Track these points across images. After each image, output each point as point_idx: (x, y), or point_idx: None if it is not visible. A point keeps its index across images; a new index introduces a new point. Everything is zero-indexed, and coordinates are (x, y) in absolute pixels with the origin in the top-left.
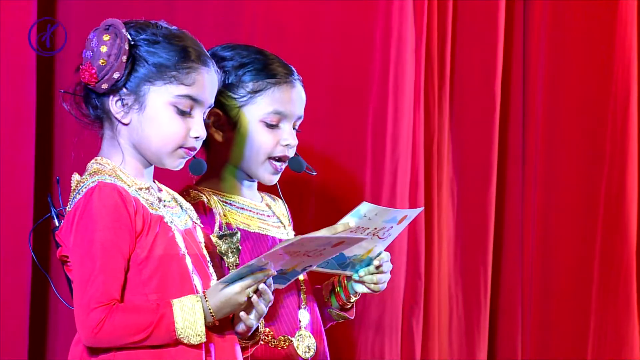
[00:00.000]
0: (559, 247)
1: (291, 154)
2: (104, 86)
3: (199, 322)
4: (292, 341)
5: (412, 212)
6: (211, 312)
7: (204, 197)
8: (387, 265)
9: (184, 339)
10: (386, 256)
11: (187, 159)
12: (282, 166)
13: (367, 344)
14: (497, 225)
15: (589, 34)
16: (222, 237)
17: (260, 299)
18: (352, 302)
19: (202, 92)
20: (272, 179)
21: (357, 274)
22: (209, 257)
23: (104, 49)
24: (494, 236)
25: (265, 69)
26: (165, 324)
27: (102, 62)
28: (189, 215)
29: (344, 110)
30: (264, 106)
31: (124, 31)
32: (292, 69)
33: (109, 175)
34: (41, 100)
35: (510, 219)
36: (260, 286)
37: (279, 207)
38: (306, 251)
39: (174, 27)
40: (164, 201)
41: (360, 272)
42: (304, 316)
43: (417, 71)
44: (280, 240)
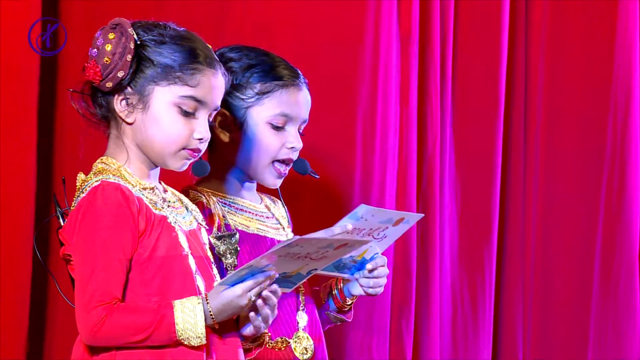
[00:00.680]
0: (561, 246)
1: (295, 157)
2: (109, 84)
3: (200, 324)
4: (289, 343)
5: (411, 217)
6: (212, 315)
7: (204, 198)
8: (382, 270)
9: (185, 341)
10: (381, 260)
11: (191, 161)
12: (286, 170)
13: (356, 344)
14: (499, 225)
15: (589, 34)
16: (220, 238)
17: (265, 305)
18: (349, 305)
19: (206, 94)
20: (276, 182)
21: (352, 276)
22: (212, 259)
23: (108, 47)
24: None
25: (273, 70)
26: (165, 325)
27: (106, 60)
28: (195, 216)
29: (333, 110)
30: (271, 108)
31: (131, 30)
32: (299, 72)
33: (114, 174)
34: (43, 100)
35: (511, 218)
36: (264, 293)
37: (279, 209)
38: (307, 253)
39: (182, 28)
40: (169, 202)
41: (356, 275)
42: (302, 318)
43: (411, 71)
44: (278, 241)
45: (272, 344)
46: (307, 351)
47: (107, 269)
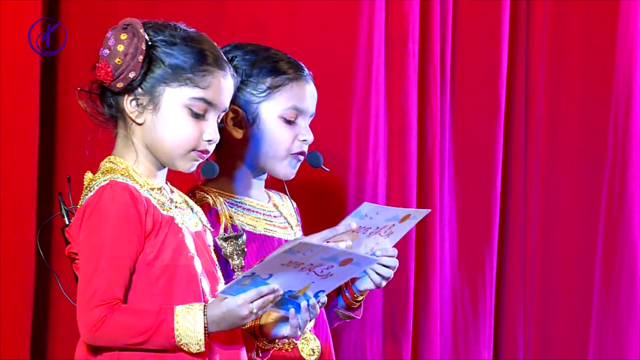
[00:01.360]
0: (561, 246)
1: (306, 149)
2: (119, 85)
3: (199, 331)
4: (296, 344)
5: (418, 213)
6: (214, 322)
7: (210, 198)
8: (390, 260)
9: (184, 347)
10: (392, 251)
11: (199, 162)
12: (298, 162)
13: (349, 344)
14: (499, 225)
15: (590, 33)
16: (227, 239)
17: (307, 311)
18: (358, 302)
19: (217, 96)
20: (291, 173)
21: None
22: (217, 261)
23: (120, 48)
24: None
25: (280, 65)
26: (164, 329)
27: (118, 61)
28: (200, 218)
29: (327, 110)
30: (282, 102)
31: (142, 31)
32: (303, 65)
33: (122, 174)
34: (44, 99)
35: (512, 218)
36: (311, 301)
37: (287, 207)
38: (311, 265)
39: (192, 29)
40: (176, 203)
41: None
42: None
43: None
44: (286, 241)
45: (279, 345)
46: (314, 352)
47: (110, 269)
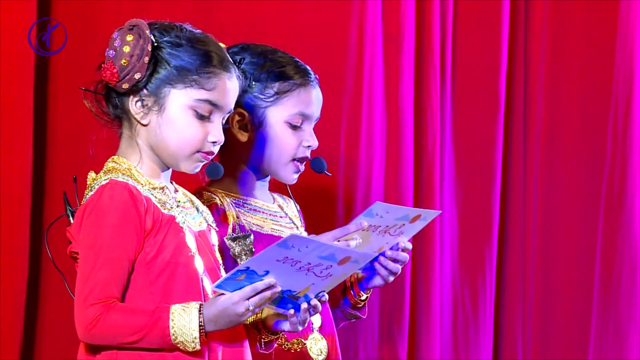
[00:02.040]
0: (561, 246)
1: (309, 155)
2: (125, 86)
3: (194, 329)
4: (305, 344)
5: (428, 213)
6: (210, 321)
7: (217, 199)
8: (402, 255)
9: (179, 345)
10: (408, 245)
11: (203, 163)
12: (302, 167)
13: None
14: (499, 224)
15: (590, 32)
16: (235, 239)
17: (309, 310)
18: (363, 301)
19: (222, 98)
20: (293, 178)
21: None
22: (221, 260)
23: (126, 49)
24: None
25: (289, 70)
26: (159, 328)
27: (124, 62)
28: (205, 217)
29: None
30: (289, 107)
31: (148, 32)
32: (310, 69)
33: (123, 174)
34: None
35: (512, 218)
36: (312, 302)
37: (291, 208)
38: (308, 264)
39: (198, 30)
40: (179, 202)
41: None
42: (316, 318)
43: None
44: None
45: (288, 345)
46: (322, 352)
47: (108, 268)
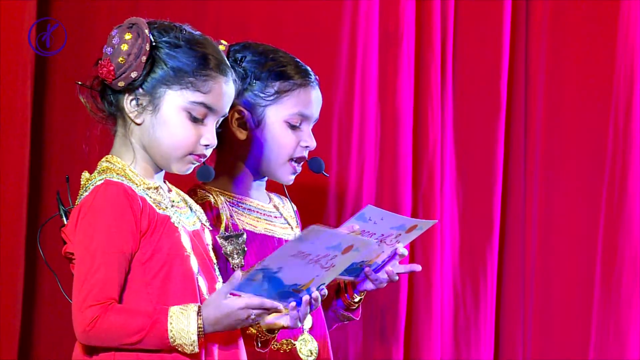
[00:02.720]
0: (562, 246)
1: (306, 155)
2: (121, 84)
3: (193, 332)
4: (294, 345)
5: (424, 223)
6: (210, 324)
7: (212, 197)
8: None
9: (178, 347)
10: (403, 251)
11: (195, 165)
12: (299, 167)
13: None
14: (500, 225)
15: (591, 32)
16: (227, 238)
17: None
18: (357, 303)
19: (217, 101)
20: (290, 179)
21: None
22: (215, 260)
23: (124, 47)
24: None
25: (290, 69)
26: (158, 330)
27: (121, 60)
28: (198, 217)
29: None
30: (289, 107)
31: (147, 31)
32: (310, 70)
33: (118, 173)
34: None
35: (512, 219)
36: (314, 294)
37: (287, 209)
38: (317, 256)
39: (197, 32)
40: (173, 202)
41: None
42: (307, 320)
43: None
44: (286, 241)
45: (277, 345)
46: (312, 353)
47: (105, 269)
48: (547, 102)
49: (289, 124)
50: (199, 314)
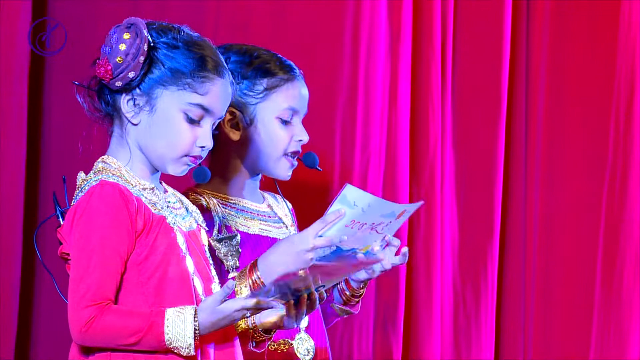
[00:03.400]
0: (563, 246)
1: (300, 149)
2: (118, 84)
3: (189, 336)
4: (292, 344)
5: (411, 207)
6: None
7: (203, 200)
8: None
9: (174, 349)
10: (396, 241)
11: (191, 167)
12: (295, 161)
13: (338, 344)
14: (501, 224)
15: (591, 33)
16: (221, 240)
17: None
18: (358, 297)
19: (214, 103)
20: (288, 174)
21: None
22: (211, 260)
23: (122, 47)
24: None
25: (275, 65)
26: (154, 332)
27: (119, 60)
28: (195, 217)
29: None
30: (279, 103)
31: (145, 32)
32: (293, 64)
33: (113, 174)
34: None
35: (513, 218)
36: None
37: (282, 208)
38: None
39: (196, 34)
40: (169, 202)
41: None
42: (304, 319)
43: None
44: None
45: (274, 345)
46: (309, 352)
47: (101, 269)
48: (548, 102)
49: (281, 120)
50: (195, 317)
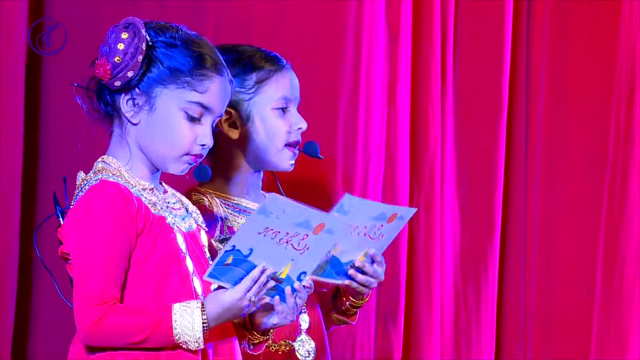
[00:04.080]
0: (563, 246)
1: (300, 138)
2: (117, 83)
3: (197, 329)
4: (292, 345)
5: (405, 211)
6: (214, 319)
7: (206, 200)
8: (369, 267)
9: (183, 344)
10: (368, 259)
11: (192, 166)
12: (297, 151)
13: (339, 344)
14: (501, 225)
15: (592, 32)
16: (223, 241)
17: (293, 296)
18: (356, 308)
19: (213, 101)
20: (291, 163)
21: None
22: (211, 261)
23: (121, 47)
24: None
25: (262, 58)
26: (163, 328)
27: (117, 60)
28: (195, 218)
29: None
30: (271, 94)
31: (143, 31)
32: (279, 55)
33: (113, 174)
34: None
35: (514, 218)
36: (295, 285)
37: None
38: (287, 234)
39: (194, 32)
40: (169, 203)
41: (346, 281)
42: (304, 320)
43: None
44: None
45: (275, 347)
46: (309, 354)
47: (105, 268)
48: (549, 102)
49: (276, 111)
50: (202, 310)
